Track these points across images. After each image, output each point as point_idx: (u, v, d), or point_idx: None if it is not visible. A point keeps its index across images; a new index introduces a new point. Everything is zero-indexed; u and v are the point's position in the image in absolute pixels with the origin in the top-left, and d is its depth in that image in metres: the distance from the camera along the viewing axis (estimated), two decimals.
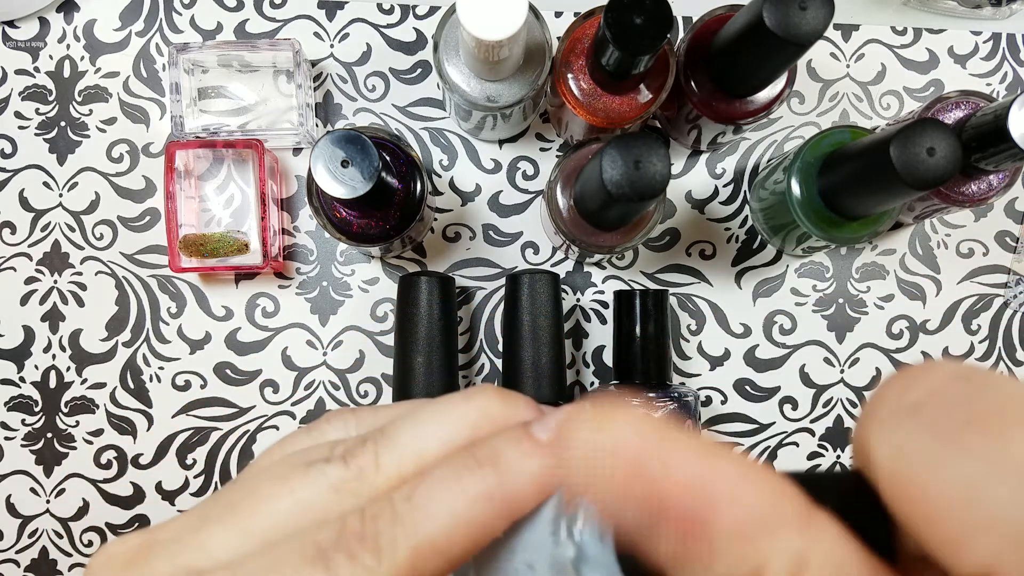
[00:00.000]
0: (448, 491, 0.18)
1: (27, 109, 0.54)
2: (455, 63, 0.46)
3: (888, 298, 0.55)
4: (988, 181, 0.48)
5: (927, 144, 0.39)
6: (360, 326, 0.55)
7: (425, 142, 0.55)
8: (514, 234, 0.55)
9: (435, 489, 0.18)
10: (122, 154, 0.54)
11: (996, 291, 0.55)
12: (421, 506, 0.18)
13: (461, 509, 0.17)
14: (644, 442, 0.14)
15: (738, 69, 0.44)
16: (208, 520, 0.18)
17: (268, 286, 0.54)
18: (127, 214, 0.54)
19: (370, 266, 0.55)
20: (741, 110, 0.47)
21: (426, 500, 0.18)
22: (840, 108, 0.55)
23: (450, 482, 0.18)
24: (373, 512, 0.18)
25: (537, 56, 0.46)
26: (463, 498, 0.18)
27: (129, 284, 0.54)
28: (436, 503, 0.18)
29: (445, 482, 0.18)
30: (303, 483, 0.19)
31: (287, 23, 0.55)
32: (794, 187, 0.46)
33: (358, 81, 0.55)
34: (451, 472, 0.18)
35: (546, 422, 0.19)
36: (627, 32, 0.38)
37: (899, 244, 0.55)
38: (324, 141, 0.41)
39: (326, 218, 0.47)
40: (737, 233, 0.55)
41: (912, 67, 0.56)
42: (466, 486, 0.18)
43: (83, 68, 0.54)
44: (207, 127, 0.53)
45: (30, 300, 0.54)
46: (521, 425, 0.19)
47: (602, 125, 0.46)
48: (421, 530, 0.17)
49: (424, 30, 0.55)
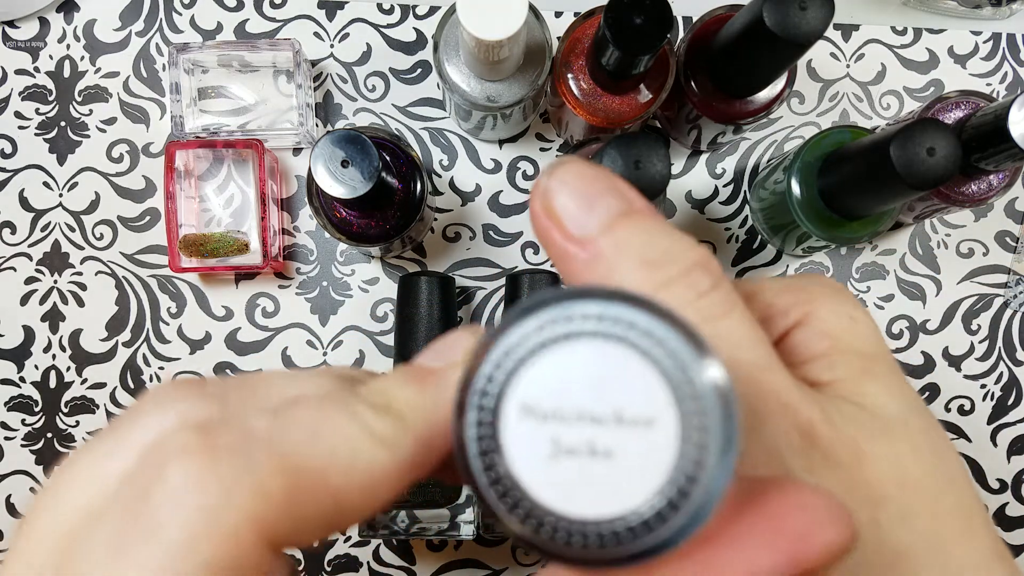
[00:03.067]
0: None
1: (27, 109, 0.54)
2: (455, 63, 0.46)
3: (888, 298, 0.55)
4: (988, 181, 0.48)
5: (927, 144, 0.39)
6: (360, 326, 0.54)
7: (425, 142, 0.55)
8: (514, 234, 0.55)
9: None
10: (122, 154, 0.54)
11: (996, 291, 0.55)
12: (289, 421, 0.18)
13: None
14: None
15: (738, 69, 0.44)
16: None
17: (268, 286, 0.54)
18: (127, 214, 0.54)
19: (370, 266, 0.55)
20: (741, 110, 0.47)
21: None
22: (840, 108, 0.55)
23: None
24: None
25: (537, 56, 0.46)
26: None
27: (129, 284, 0.54)
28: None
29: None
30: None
31: (287, 23, 0.55)
32: (794, 187, 0.46)
33: (358, 81, 0.55)
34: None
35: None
36: (627, 32, 0.38)
37: (899, 244, 0.55)
38: (324, 141, 0.41)
39: (326, 218, 0.47)
40: (737, 233, 0.55)
41: (912, 67, 0.56)
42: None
43: (83, 68, 0.54)
44: (207, 127, 0.53)
45: (30, 300, 0.54)
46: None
47: (602, 125, 0.46)
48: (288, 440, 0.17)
49: (424, 30, 0.55)
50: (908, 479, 0.21)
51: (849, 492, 0.20)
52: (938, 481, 0.21)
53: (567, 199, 0.20)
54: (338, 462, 0.17)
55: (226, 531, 0.16)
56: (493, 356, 0.16)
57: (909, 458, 0.21)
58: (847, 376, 0.22)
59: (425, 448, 0.18)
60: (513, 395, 0.16)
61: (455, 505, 0.48)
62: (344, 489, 0.17)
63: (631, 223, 0.20)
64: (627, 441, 0.15)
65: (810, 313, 0.23)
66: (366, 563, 0.54)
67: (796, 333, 0.23)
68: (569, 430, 0.16)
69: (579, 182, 0.20)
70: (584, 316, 0.16)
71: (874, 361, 0.23)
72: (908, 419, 0.22)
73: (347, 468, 0.17)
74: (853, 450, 0.20)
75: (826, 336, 0.23)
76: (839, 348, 0.23)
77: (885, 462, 0.21)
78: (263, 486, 0.16)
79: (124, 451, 0.18)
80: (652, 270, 0.20)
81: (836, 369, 0.22)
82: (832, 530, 0.16)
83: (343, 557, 0.54)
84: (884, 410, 0.22)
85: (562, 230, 0.20)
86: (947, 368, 0.55)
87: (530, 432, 0.16)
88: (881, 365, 0.23)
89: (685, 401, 0.15)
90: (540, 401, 0.16)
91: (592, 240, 0.20)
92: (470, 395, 0.16)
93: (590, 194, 0.20)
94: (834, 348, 0.23)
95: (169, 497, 0.16)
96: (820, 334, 0.23)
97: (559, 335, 0.16)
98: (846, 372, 0.22)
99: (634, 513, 0.15)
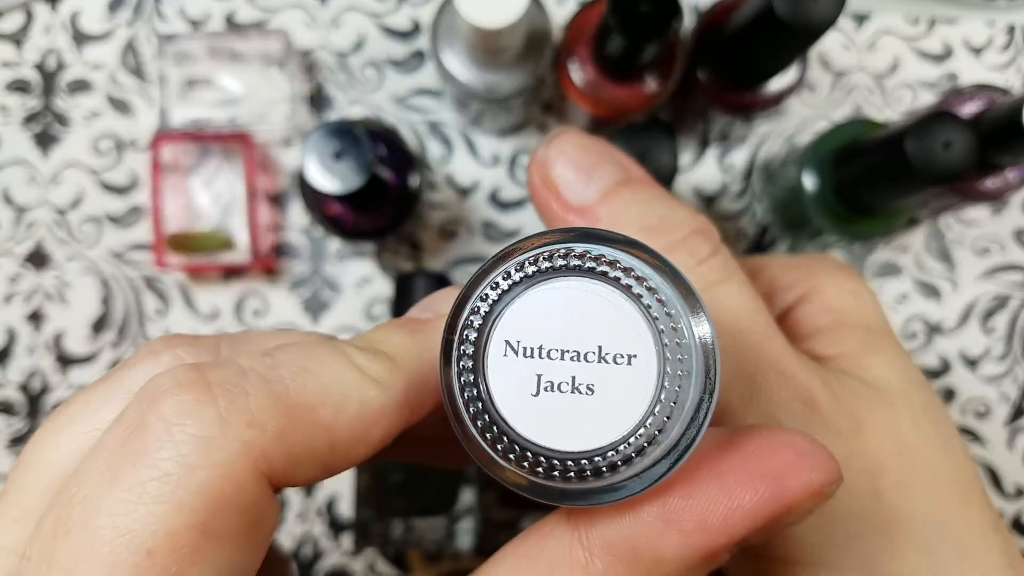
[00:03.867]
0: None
1: (11, 102, 0.53)
2: (453, 52, 0.45)
3: (902, 296, 0.54)
4: (1004, 177, 0.48)
5: (943, 138, 0.39)
6: (354, 326, 0.53)
7: (421, 135, 0.53)
8: (514, 231, 0.54)
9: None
10: (108, 148, 0.53)
11: (1013, 290, 0.54)
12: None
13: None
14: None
15: (748, 58, 0.43)
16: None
17: (258, 284, 0.53)
18: (113, 210, 0.53)
19: (364, 264, 0.53)
20: (751, 100, 0.46)
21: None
22: (852, 100, 0.54)
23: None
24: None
25: (538, 44, 0.45)
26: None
27: (115, 282, 0.53)
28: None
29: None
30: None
31: (277, 12, 0.53)
32: (807, 182, 0.46)
33: (352, 71, 0.53)
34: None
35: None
36: (632, 19, 0.38)
37: (913, 241, 0.54)
38: (316, 134, 0.40)
39: (318, 214, 0.46)
40: (747, 229, 0.54)
41: (926, 59, 0.54)
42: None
43: (69, 60, 0.53)
44: (195, 120, 0.52)
45: (13, 299, 0.53)
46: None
47: (606, 116, 0.45)
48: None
49: (420, 18, 0.53)
50: (906, 449, 0.21)
51: (848, 461, 0.20)
52: (936, 451, 0.22)
53: (564, 169, 0.21)
54: (330, 398, 0.17)
55: (222, 460, 0.16)
56: (477, 293, 0.16)
57: (908, 429, 0.22)
58: (849, 350, 0.23)
59: (416, 390, 0.19)
60: (497, 333, 0.16)
61: (452, 513, 0.46)
62: (336, 425, 0.17)
63: (629, 191, 0.20)
64: (609, 377, 0.16)
65: (814, 288, 0.24)
66: (360, 574, 0.53)
67: (800, 308, 0.24)
68: (552, 366, 0.16)
69: (577, 152, 0.21)
70: (572, 255, 0.16)
71: (876, 335, 0.23)
72: (908, 391, 0.22)
73: (339, 404, 0.17)
74: (853, 420, 0.21)
75: (829, 311, 0.24)
76: (842, 322, 0.23)
77: (884, 431, 0.21)
78: (257, 418, 0.16)
79: (118, 396, 0.18)
80: (651, 235, 0.20)
81: (839, 343, 0.23)
82: (813, 470, 0.17)
83: (338, 568, 0.53)
84: (884, 382, 0.22)
85: (560, 200, 0.21)
86: (963, 370, 0.54)
87: (514, 368, 0.16)
88: (883, 339, 0.24)
89: (668, 342, 0.16)
90: (524, 337, 0.16)
91: (590, 208, 0.20)
92: (456, 334, 0.16)
93: (588, 164, 0.21)
94: (837, 322, 0.23)
95: (164, 428, 0.16)
96: (823, 309, 0.24)
97: (545, 271, 0.16)
98: (848, 346, 0.23)
99: (615, 447, 0.16)
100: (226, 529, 0.15)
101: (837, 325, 0.23)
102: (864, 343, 0.23)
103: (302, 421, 0.17)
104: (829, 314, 0.23)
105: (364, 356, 0.18)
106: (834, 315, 0.23)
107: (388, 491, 0.45)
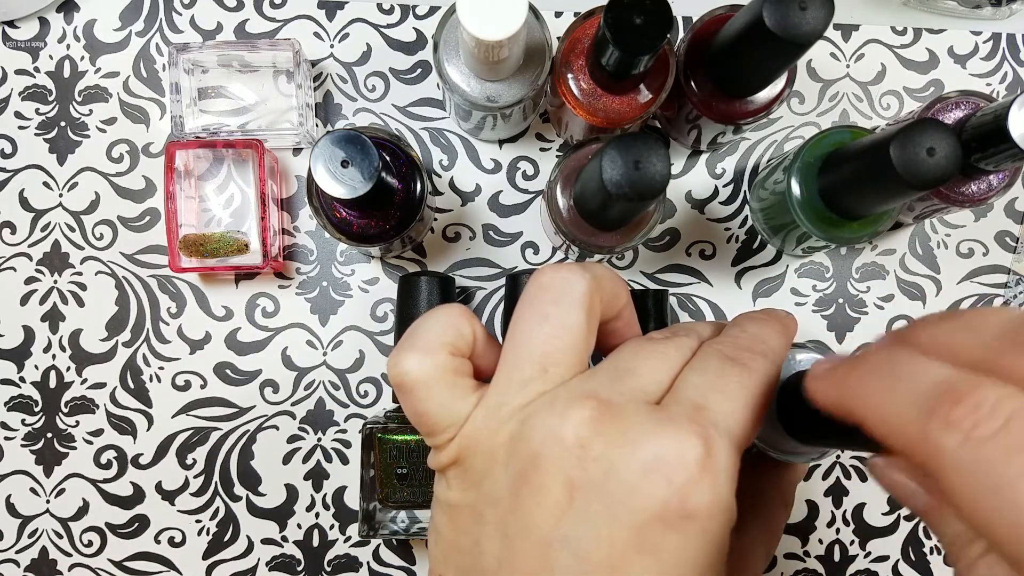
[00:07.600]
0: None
1: (27, 109, 0.54)
2: (455, 63, 0.46)
3: (888, 298, 0.55)
4: (988, 181, 0.48)
5: (927, 144, 0.39)
6: (360, 326, 0.54)
7: (425, 142, 0.55)
8: (514, 234, 0.55)
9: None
10: (122, 154, 0.54)
11: (996, 291, 0.55)
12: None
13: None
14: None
15: (738, 69, 0.44)
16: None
17: (268, 286, 0.54)
18: (127, 214, 0.54)
19: (370, 266, 0.55)
20: (741, 110, 0.47)
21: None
22: (840, 108, 0.55)
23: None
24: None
25: (537, 56, 0.46)
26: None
27: (129, 284, 0.54)
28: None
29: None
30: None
31: (287, 23, 0.55)
32: (794, 187, 0.46)
33: (358, 81, 0.55)
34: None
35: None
36: (627, 32, 0.38)
37: (899, 244, 0.55)
38: (324, 141, 0.41)
39: (326, 218, 0.47)
40: (737, 233, 0.55)
41: (912, 67, 0.56)
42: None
43: (83, 68, 0.54)
44: (207, 127, 0.53)
45: (30, 300, 0.54)
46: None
47: (602, 125, 0.46)
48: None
49: (424, 30, 0.55)
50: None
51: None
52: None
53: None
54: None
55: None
56: None
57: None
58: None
59: None
60: None
61: None
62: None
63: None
64: None
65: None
66: (366, 563, 0.54)
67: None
68: None
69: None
70: None
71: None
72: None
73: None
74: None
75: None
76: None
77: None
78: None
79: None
80: None
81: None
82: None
83: (343, 557, 0.54)
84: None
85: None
86: None
87: None
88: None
89: None
90: None
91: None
92: None
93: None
94: None
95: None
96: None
97: None
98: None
99: None
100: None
101: None
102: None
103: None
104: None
105: None
106: None
107: (393, 483, 0.46)
